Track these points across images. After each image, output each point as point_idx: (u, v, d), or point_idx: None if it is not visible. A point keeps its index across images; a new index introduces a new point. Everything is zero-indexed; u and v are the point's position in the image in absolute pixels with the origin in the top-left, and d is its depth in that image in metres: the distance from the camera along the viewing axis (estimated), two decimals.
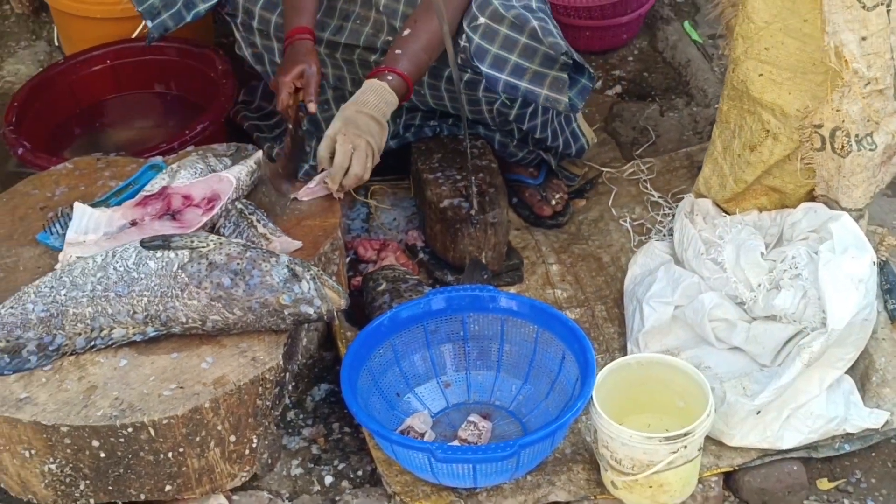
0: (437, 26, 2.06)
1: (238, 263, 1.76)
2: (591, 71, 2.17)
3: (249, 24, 2.30)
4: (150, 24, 2.28)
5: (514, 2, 2.10)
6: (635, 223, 2.47)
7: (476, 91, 2.23)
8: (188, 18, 2.29)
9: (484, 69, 2.10)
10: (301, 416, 2.07)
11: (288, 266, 1.76)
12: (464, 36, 2.12)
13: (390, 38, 2.24)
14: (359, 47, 2.28)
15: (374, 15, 2.26)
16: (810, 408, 1.94)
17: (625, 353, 2.17)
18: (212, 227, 1.97)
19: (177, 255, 1.78)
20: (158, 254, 1.78)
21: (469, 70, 2.18)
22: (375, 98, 2.05)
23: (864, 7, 1.86)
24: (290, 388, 1.92)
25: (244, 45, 2.37)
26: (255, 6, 2.27)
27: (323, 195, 2.05)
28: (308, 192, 2.05)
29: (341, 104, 2.45)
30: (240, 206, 1.99)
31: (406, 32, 2.09)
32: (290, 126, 2.14)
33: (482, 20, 2.08)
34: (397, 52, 2.08)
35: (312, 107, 2.12)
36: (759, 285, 2.04)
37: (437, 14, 1.99)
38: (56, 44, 3.01)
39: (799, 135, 2.03)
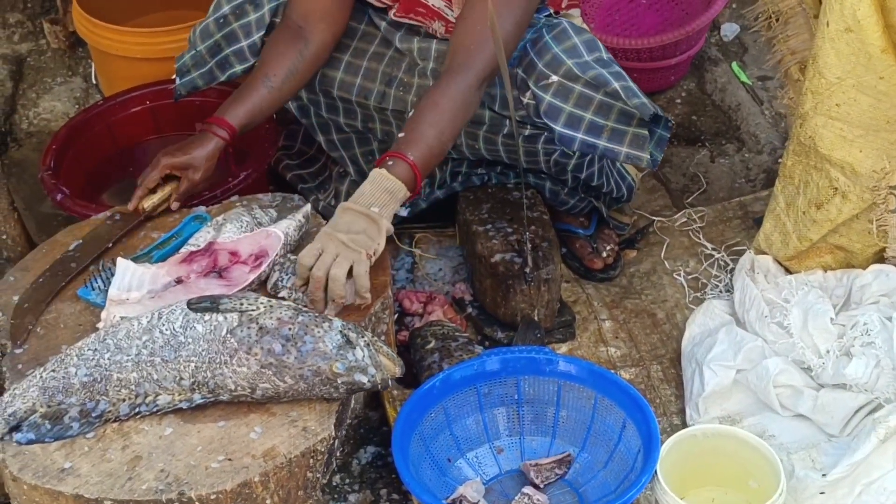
0: (442, 108, 1.90)
1: (290, 328, 1.68)
2: (670, 119, 2.08)
3: None
4: (178, 80, 2.21)
5: (586, 57, 2.03)
6: (689, 277, 2.39)
7: (535, 143, 2.16)
8: (222, 78, 2.22)
9: (558, 129, 2.02)
10: (347, 480, 1.99)
11: (341, 331, 1.69)
12: (528, 93, 2.05)
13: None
14: (405, 112, 2.21)
15: (418, 80, 2.18)
16: (884, 483, 1.85)
17: (682, 417, 2.09)
18: (262, 283, 1.89)
19: (225, 318, 1.70)
20: (206, 317, 1.71)
21: (529, 125, 2.11)
22: (371, 188, 1.85)
23: None
24: (338, 453, 1.85)
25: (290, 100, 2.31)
26: None
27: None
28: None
29: None
30: (293, 257, 1.91)
31: (411, 112, 1.94)
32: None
33: (555, 78, 2.00)
34: (401, 134, 1.90)
35: (174, 206, 2.04)
36: (828, 352, 1.95)
37: (500, 66, 1.91)
38: (94, 81, 2.96)
39: (871, 194, 1.95)
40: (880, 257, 2.05)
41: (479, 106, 2.01)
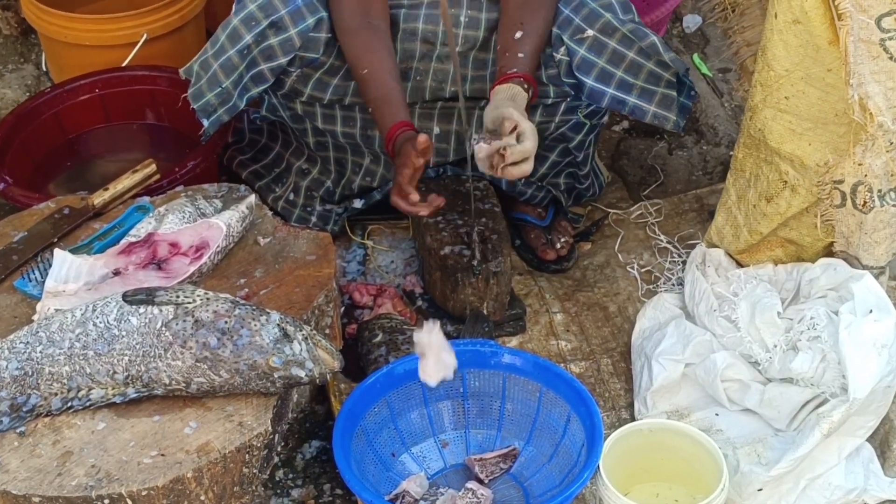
0: (541, 25, 2.05)
1: (226, 322, 1.65)
2: (693, 88, 2.12)
3: (292, 96, 2.21)
4: (205, 122, 2.10)
5: (622, 16, 2.06)
6: (643, 269, 2.37)
7: (552, 115, 2.18)
8: (242, 106, 2.11)
9: (589, 82, 2.06)
10: (290, 475, 1.96)
11: (279, 325, 1.66)
12: (562, 49, 2.07)
13: (454, 88, 2.12)
14: (417, 103, 2.19)
15: (435, 65, 2.15)
16: (828, 478, 1.85)
17: (631, 411, 2.07)
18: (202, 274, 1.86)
19: (161, 311, 1.67)
20: (141, 309, 1.67)
21: (553, 88, 2.12)
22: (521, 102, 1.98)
23: (891, 58, 1.77)
24: (279, 448, 1.82)
25: (282, 109, 2.27)
26: (305, 87, 2.16)
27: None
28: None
29: None
30: None
31: (519, 34, 2.03)
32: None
33: (590, 33, 2.05)
34: (520, 55, 2.01)
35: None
36: (775, 346, 1.94)
37: (454, 66, 1.89)
38: (44, 69, 2.91)
39: (818, 189, 1.93)
40: (830, 251, 2.04)
41: None
